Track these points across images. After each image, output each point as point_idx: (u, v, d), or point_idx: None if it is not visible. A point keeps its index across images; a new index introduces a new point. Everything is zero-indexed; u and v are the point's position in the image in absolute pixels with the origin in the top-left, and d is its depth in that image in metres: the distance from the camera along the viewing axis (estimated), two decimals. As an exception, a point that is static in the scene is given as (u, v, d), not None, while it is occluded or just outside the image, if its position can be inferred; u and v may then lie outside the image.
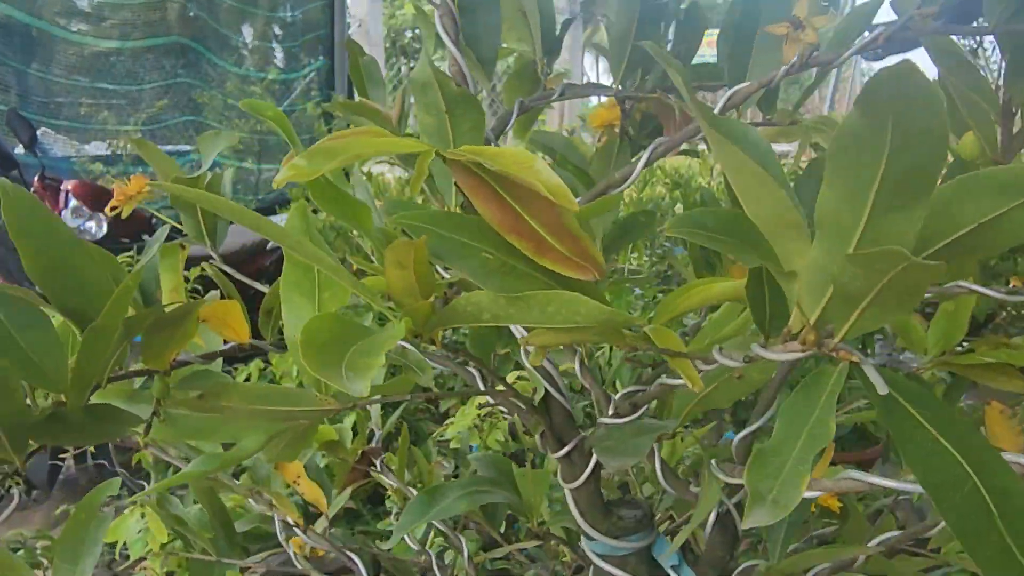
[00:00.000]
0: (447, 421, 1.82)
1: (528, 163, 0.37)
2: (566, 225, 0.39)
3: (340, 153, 0.38)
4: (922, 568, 0.59)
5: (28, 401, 0.41)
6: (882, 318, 0.29)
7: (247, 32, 5.36)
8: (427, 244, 0.38)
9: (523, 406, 0.55)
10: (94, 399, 0.49)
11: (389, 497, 1.78)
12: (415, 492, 0.87)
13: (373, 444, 0.90)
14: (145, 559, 1.69)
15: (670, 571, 0.59)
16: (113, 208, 0.65)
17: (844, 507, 0.86)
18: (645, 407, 0.54)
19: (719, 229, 0.30)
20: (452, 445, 1.64)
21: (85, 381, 0.42)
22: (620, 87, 0.65)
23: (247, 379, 2.77)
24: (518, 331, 0.57)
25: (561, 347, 0.55)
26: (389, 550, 0.87)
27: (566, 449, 0.56)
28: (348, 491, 0.85)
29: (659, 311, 0.47)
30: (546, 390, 0.57)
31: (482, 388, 0.61)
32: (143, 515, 1.77)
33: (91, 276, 0.46)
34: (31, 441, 0.41)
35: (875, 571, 0.58)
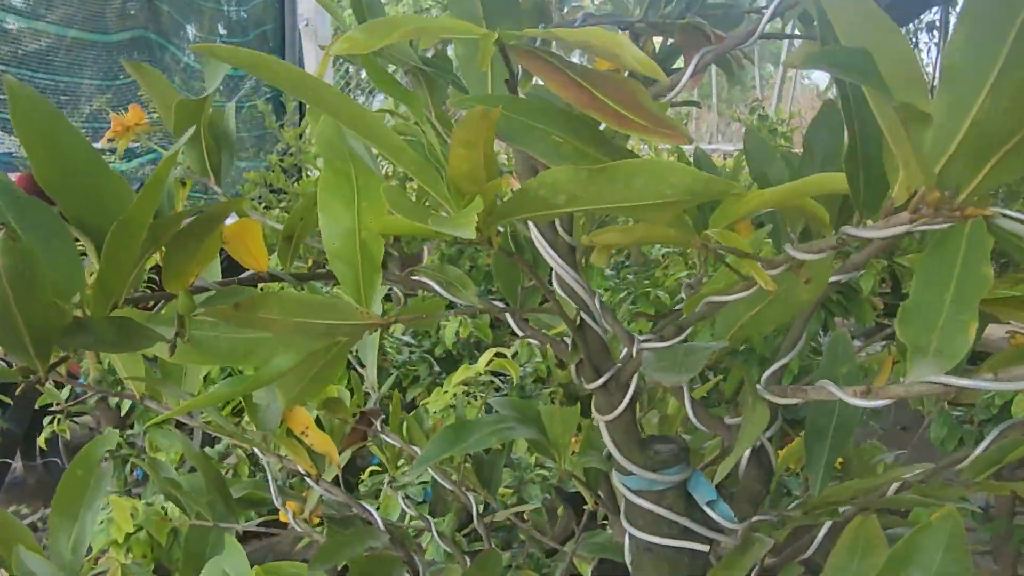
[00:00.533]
0: (423, 403, 1.78)
1: (609, 37, 0.35)
2: (641, 101, 0.37)
3: (400, 26, 0.35)
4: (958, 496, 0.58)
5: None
6: (1017, 168, 0.27)
7: (193, 26, 5.24)
8: (497, 127, 0.36)
9: (565, 325, 0.52)
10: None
11: (362, 482, 1.74)
12: (418, 450, 0.84)
13: (371, 406, 0.86)
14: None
15: (705, 507, 0.57)
16: (110, 140, 0.61)
17: (846, 461, 0.86)
18: (689, 329, 0.52)
19: (848, 64, 0.28)
20: (431, 421, 1.61)
21: (109, 287, 0.39)
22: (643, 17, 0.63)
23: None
24: (542, 248, 0.54)
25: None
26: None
27: (603, 379, 0.54)
28: (349, 452, 0.82)
29: (715, 219, 0.45)
30: (581, 319, 0.54)
31: (512, 323, 0.58)
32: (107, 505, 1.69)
33: (108, 189, 0.43)
34: (57, 349, 0.37)
35: (916, 495, 0.57)
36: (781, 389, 0.51)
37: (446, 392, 1.70)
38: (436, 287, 0.51)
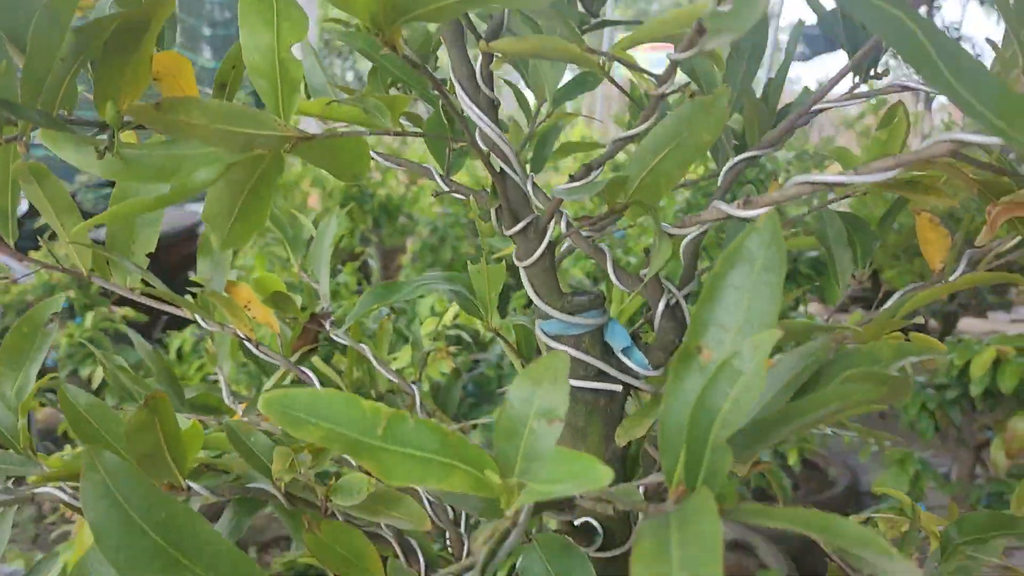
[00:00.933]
0: (391, 357, 1.81)
1: None
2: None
3: None
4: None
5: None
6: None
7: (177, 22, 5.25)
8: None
9: (487, 177, 0.55)
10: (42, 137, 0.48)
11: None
12: (366, 347, 0.87)
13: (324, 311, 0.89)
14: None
15: (620, 354, 0.60)
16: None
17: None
18: (599, 168, 0.55)
19: None
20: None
21: (34, 79, 0.41)
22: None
23: (179, 347, 2.71)
24: (464, 103, 0.57)
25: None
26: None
27: (521, 225, 0.57)
28: (298, 354, 0.84)
29: (617, 44, 0.48)
30: (502, 168, 0.57)
31: (438, 180, 0.61)
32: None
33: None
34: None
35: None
36: (680, 221, 0.54)
37: (407, 351, 1.72)
38: (357, 127, 0.54)
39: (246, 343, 0.69)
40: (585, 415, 0.60)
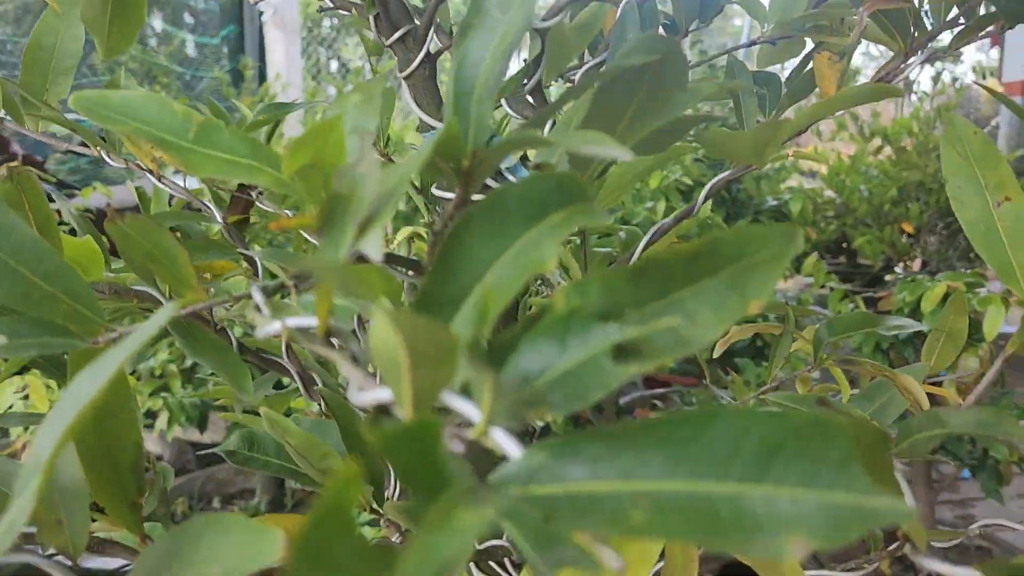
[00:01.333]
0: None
1: None
2: None
3: None
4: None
5: None
6: None
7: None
8: None
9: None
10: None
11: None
12: (288, 212, 0.89)
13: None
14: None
15: (505, 172, 0.61)
16: None
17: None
18: None
19: None
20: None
21: None
22: None
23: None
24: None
25: None
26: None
27: (399, 33, 0.58)
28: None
29: None
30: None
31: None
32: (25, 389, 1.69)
33: None
34: None
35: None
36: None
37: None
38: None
39: (149, 175, 0.70)
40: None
